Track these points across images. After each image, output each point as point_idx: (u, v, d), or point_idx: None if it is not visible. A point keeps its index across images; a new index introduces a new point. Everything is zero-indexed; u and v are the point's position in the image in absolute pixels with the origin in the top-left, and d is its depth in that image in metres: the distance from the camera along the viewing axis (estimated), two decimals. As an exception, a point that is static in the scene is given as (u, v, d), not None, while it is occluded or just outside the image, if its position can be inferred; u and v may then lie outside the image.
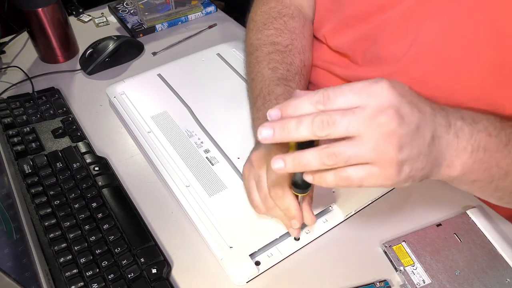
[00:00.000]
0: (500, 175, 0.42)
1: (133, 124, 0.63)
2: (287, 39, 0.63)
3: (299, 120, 0.35)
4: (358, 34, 0.58)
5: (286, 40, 0.63)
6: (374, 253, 0.51)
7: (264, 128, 0.35)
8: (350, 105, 0.34)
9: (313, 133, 0.34)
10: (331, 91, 0.35)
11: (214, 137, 0.61)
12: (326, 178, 0.36)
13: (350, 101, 0.34)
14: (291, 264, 0.50)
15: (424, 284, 0.47)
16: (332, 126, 0.34)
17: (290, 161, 0.36)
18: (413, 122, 0.35)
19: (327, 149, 0.34)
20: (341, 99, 0.34)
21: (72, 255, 0.49)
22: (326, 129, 0.34)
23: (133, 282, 0.47)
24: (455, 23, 0.49)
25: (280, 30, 0.64)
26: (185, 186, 0.54)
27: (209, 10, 0.92)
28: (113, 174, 0.59)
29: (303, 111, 0.35)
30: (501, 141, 0.40)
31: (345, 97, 0.34)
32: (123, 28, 0.88)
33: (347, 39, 0.60)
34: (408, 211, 0.55)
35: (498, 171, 0.41)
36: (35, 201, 0.54)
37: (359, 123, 0.33)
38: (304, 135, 0.34)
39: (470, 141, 0.39)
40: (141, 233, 0.52)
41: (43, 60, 0.80)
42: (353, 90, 0.34)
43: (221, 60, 0.74)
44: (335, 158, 0.34)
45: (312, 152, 0.35)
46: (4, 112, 0.66)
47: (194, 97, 0.67)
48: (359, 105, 0.34)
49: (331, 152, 0.34)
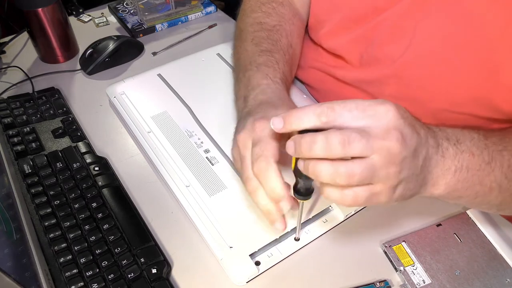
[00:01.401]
0: (485, 192, 0.43)
1: (133, 124, 0.63)
2: (275, 20, 0.62)
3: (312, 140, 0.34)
4: (354, 35, 0.58)
5: (274, 21, 0.62)
6: (374, 253, 0.51)
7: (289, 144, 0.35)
8: (354, 121, 0.34)
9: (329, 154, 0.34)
10: (336, 104, 0.35)
11: (214, 137, 0.61)
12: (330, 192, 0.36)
13: (354, 117, 0.34)
14: (291, 264, 0.50)
15: (424, 284, 0.47)
16: (349, 146, 0.33)
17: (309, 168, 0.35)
18: (413, 144, 0.36)
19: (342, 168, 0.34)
20: (346, 115, 0.34)
21: (72, 255, 0.49)
22: (344, 150, 0.33)
23: (133, 282, 0.47)
24: (452, 24, 0.49)
25: (268, 13, 0.63)
26: (185, 186, 0.54)
27: (209, 10, 0.92)
28: (113, 174, 0.59)
29: (306, 122, 0.35)
30: (483, 160, 0.41)
31: (351, 114, 0.34)
32: (123, 28, 0.88)
33: (344, 41, 0.60)
34: (408, 211, 0.55)
35: (482, 188, 0.42)
36: (35, 201, 0.54)
37: (373, 144, 0.34)
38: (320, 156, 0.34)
39: (454, 161, 0.40)
40: (141, 233, 0.52)
41: (43, 60, 0.80)
42: (359, 107, 0.34)
43: (221, 60, 0.74)
44: (349, 179, 0.34)
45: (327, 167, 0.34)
46: (4, 112, 0.66)
47: (194, 97, 0.67)
48: (364, 124, 0.34)
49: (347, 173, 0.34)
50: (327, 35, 0.63)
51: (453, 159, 0.40)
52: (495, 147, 0.42)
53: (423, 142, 0.37)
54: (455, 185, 0.41)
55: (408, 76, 0.54)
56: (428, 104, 0.54)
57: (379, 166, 0.34)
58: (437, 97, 0.53)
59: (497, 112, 0.50)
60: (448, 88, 0.51)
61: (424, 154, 0.38)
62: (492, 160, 0.42)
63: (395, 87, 0.56)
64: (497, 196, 0.43)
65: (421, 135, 0.37)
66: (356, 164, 0.34)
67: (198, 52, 0.75)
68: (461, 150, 0.40)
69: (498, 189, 0.43)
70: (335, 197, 0.36)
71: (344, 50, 0.61)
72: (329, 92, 0.67)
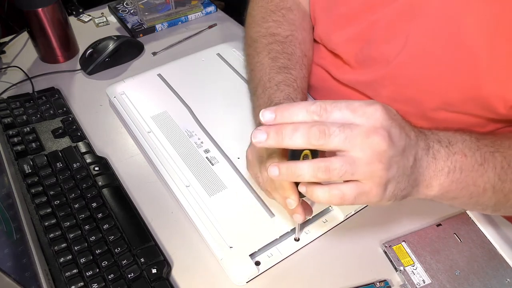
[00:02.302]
0: (479, 192, 0.43)
1: (133, 124, 0.63)
2: (287, 30, 0.63)
3: (295, 127, 0.35)
4: (350, 34, 0.58)
5: (286, 31, 0.62)
6: (374, 253, 0.51)
7: (258, 131, 0.36)
8: (344, 121, 0.35)
9: (308, 142, 0.35)
10: (328, 104, 0.36)
11: (214, 137, 0.61)
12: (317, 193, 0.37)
13: (344, 117, 0.35)
14: (291, 264, 0.50)
15: (424, 284, 0.47)
16: (328, 137, 0.34)
17: (284, 170, 0.37)
18: (401, 145, 0.36)
19: (321, 163, 0.35)
20: (337, 114, 0.35)
21: (72, 255, 0.49)
22: (322, 140, 0.34)
23: (133, 282, 0.47)
24: (447, 23, 0.49)
25: (279, 22, 0.63)
26: (185, 186, 0.54)
27: (209, 10, 0.92)
28: (113, 174, 0.59)
29: (298, 118, 0.36)
30: (476, 161, 0.42)
31: (341, 113, 0.35)
32: (123, 28, 0.88)
33: (340, 39, 0.60)
34: (408, 211, 0.55)
35: (476, 188, 0.43)
36: (35, 201, 0.54)
37: (354, 139, 0.35)
38: (298, 144, 0.35)
39: (446, 162, 0.41)
40: (141, 233, 0.52)
41: (43, 60, 0.80)
42: (350, 107, 0.36)
43: (221, 60, 0.74)
44: (328, 173, 0.35)
45: (307, 164, 0.36)
46: (4, 112, 0.66)
47: (194, 97, 0.67)
48: (352, 123, 0.35)
49: (325, 167, 0.35)
50: (324, 33, 0.63)
51: (445, 160, 0.40)
52: (487, 149, 0.43)
53: (413, 143, 0.38)
54: (449, 186, 0.41)
55: (404, 77, 0.54)
56: (424, 104, 0.54)
57: (362, 162, 0.35)
58: (433, 97, 0.53)
59: (493, 111, 0.50)
60: (444, 88, 0.51)
61: (414, 155, 0.38)
62: (485, 162, 0.42)
63: (392, 88, 0.56)
64: (491, 197, 0.44)
65: (411, 137, 0.38)
66: (337, 158, 0.35)
67: (198, 52, 0.75)
68: (453, 152, 0.41)
69: (492, 190, 0.43)
70: (323, 197, 0.37)
71: (341, 49, 0.61)
72: (329, 91, 0.67)
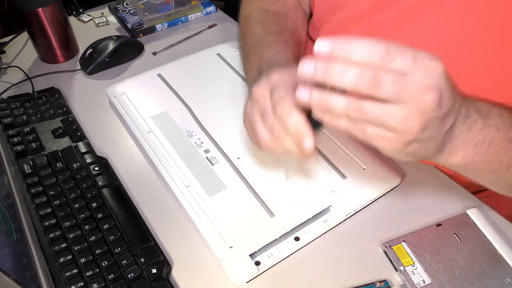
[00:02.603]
0: (502, 168, 0.42)
1: (133, 124, 0.63)
2: (279, 7, 0.63)
3: (345, 68, 0.33)
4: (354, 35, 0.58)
5: (278, 8, 0.63)
6: (374, 253, 0.51)
7: (306, 63, 0.34)
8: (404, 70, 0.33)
9: (355, 87, 0.33)
10: (394, 48, 0.33)
11: (214, 137, 0.61)
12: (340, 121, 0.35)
13: (406, 65, 0.33)
14: (291, 264, 0.50)
15: (424, 284, 0.47)
16: (378, 88, 0.32)
17: (316, 96, 0.35)
18: (447, 108, 0.35)
19: (358, 103, 0.33)
20: (400, 60, 0.33)
21: (72, 255, 0.49)
22: (371, 89, 0.32)
23: (133, 282, 0.47)
24: (450, 23, 0.49)
25: (272, 1, 0.64)
26: (185, 186, 0.54)
27: (209, 10, 0.92)
28: (113, 174, 0.59)
29: (356, 57, 0.33)
30: (507, 137, 0.41)
31: (404, 60, 0.33)
32: (123, 28, 0.88)
33: None
34: (408, 211, 0.55)
35: (500, 164, 0.42)
36: (35, 201, 0.54)
37: (404, 96, 0.33)
38: (346, 85, 0.33)
39: (478, 135, 0.39)
40: (141, 233, 0.52)
41: (43, 60, 0.80)
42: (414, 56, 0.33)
43: (221, 60, 0.74)
44: (361, 114, 0.34)
45: (342, 99, 0.34)
46: (4, 112, 0.66)
47: (194, 97, 0.67)
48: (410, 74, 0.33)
49: (360, 108, 0.33)
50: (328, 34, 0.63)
51: (478, 132, 0.39)
52: None
53: (456, 108, 0.37)
54: (472, 157, 0.40)
55: None
56: None
57: (399, 115, 0.33)
58: None
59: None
60: None
61: (452, 121, 0.37)
62: None
63: None
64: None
65: (456, 102, 0.36)
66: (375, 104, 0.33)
67: (198, 52, 0.75)
68: (489, 125, 0.40)
69: None
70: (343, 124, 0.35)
71: None
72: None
